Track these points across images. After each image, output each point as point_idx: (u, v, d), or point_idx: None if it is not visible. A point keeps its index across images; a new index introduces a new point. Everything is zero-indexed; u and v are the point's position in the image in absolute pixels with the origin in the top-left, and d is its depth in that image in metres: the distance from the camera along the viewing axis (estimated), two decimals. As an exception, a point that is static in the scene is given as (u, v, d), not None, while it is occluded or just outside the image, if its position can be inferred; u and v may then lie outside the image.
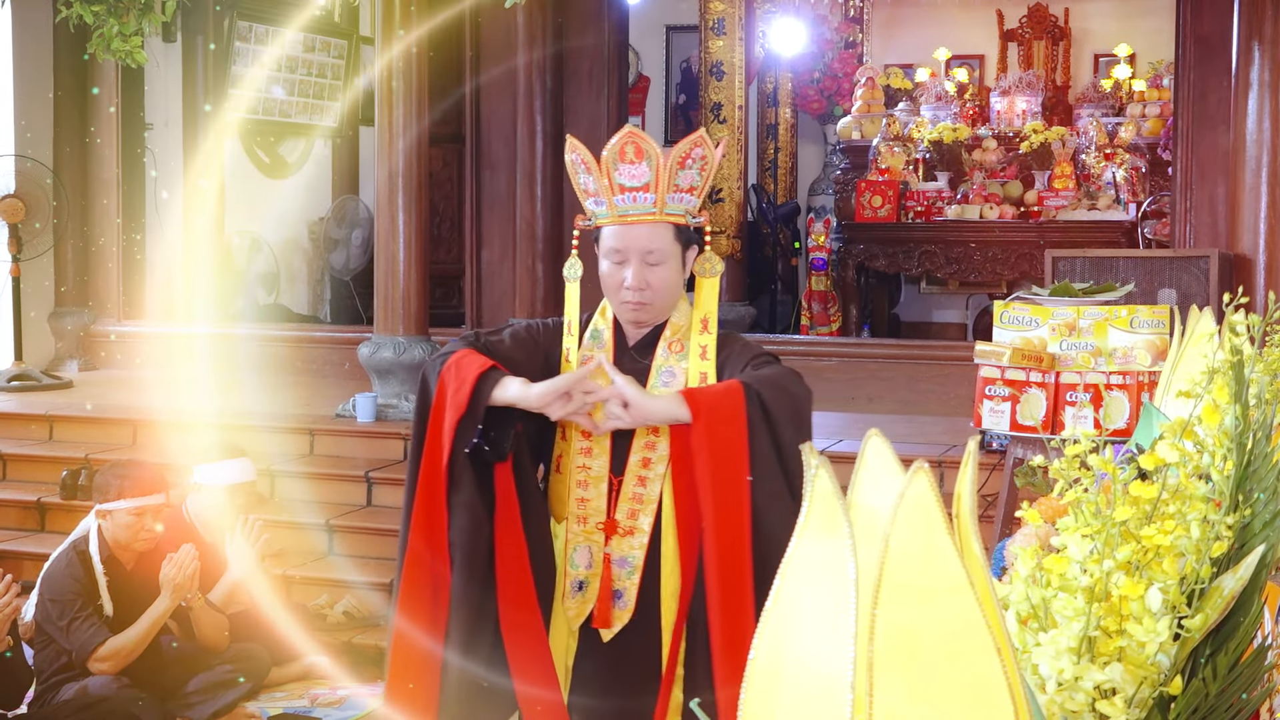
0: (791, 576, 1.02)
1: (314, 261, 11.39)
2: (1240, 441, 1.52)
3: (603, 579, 2.89)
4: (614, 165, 2.83)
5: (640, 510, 2.88)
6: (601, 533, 2.90)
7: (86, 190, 9.33)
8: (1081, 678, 1.30)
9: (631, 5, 9.54)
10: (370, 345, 7.35)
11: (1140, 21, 12.54)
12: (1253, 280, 6.87)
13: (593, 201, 2.91)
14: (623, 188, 2.84)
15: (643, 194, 2.83)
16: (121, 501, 4.89)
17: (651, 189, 2.83)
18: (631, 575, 2.88)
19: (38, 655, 4.94)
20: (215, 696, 5.14)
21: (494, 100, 8.75)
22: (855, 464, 1.06)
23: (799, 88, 13.02)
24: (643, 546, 2.88)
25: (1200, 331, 2.05)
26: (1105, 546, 1.32)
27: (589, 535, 2.91)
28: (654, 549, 2.89)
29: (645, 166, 2.82)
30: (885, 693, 0.96)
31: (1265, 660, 1.45)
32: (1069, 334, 4.30)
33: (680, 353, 2.91)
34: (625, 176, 2.83)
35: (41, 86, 9.09)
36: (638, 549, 2.88)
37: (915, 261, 10.55)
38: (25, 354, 8.69)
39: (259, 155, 10.93)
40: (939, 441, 6.66)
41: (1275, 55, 6.85)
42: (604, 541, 2.90)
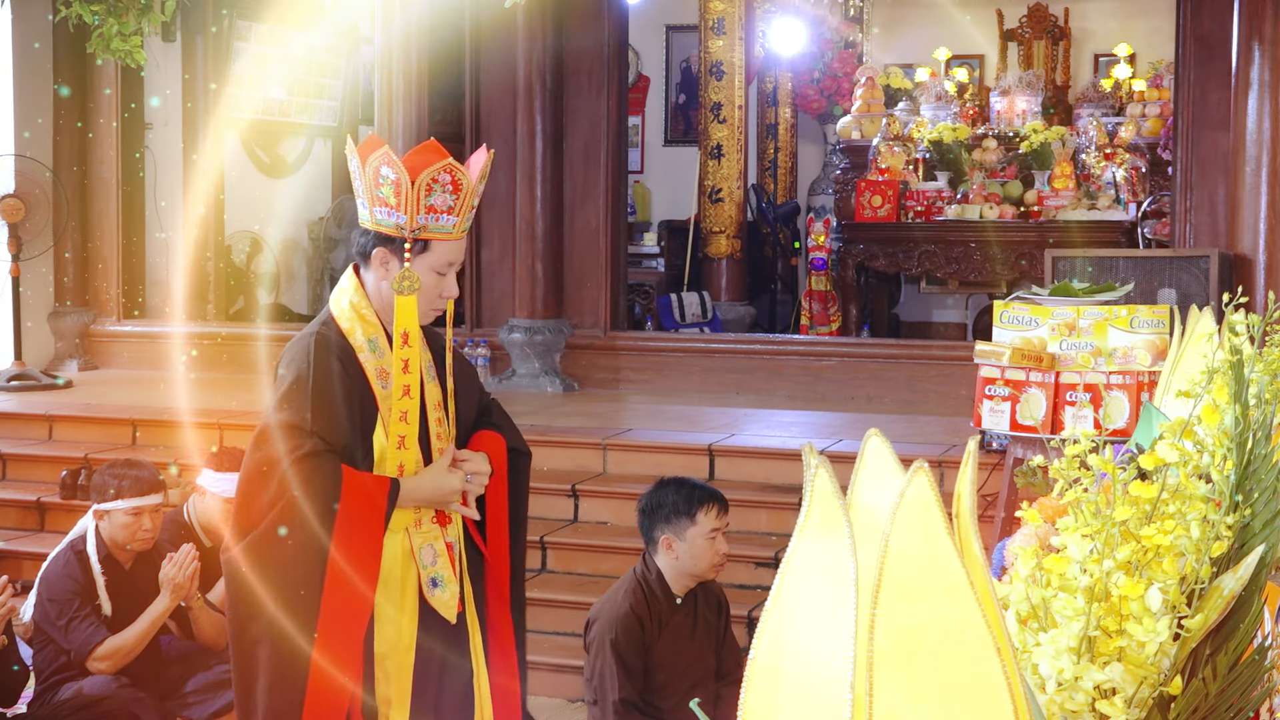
0: (791, 576, 1.02)
1: (314, 261, 11.39)
2: (1240, 441, 1.52)
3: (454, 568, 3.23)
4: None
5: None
6: (437, 525, 3.21)
7: (86, 190, 9.33)
8: (1081, 678, 1.29)
9: (631, 5, 9.54)
10: (370, 345, 7.35)
11: (1140, 21, 12.55)
12: (1253, 280, 6.87)
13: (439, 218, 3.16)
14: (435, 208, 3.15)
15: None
16: (120, 501, 4.89)
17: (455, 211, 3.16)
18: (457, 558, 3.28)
19: (36, 655, 4.94)
20: (214, 696, 5.13)
21: (494, 100, 8.74)
22: (855, 464, 1.06)
23: (799, 87, 13.02)
24: (459, 530, 3.27)
25: (1200, 331, 2.05)
26: (1105, 546, 1.32)
27: (428, 532, 3.19)
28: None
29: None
30: (885, 693, 0.96)
31: (1265, 660, 1.45)
32: (1069, 334, 4.30)
33: None
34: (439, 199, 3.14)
35: (41, 86, 9.09)
36: (456, 533, 3.25)
37: (915, 261, 10.55)
38: (25, 354, 8.69)
39: (259, 155, 10.93)
40: (939, 441, 6.66)
41: (1275, 55, 6.86)
42: (442, 533, 3.21)
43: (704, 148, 11.53)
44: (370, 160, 3.09)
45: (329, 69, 11.26)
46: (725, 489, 4.62)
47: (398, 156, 3.10)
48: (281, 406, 3.07)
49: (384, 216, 3.11)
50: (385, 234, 3.12)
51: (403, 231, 3.09)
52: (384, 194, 3.09)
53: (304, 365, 3.09)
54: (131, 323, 9.38)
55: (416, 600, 3.16)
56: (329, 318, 3.18)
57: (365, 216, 3.15)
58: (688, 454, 6.64)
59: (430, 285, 3.13)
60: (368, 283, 3.18)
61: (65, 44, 8.90)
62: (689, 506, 4.19)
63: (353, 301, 3.17)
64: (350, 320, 3.16)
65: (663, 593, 4.25)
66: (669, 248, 12.08)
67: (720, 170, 11.40)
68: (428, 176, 3.08)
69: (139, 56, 7.75)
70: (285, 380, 3.10)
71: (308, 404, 3.05)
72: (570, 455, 6.76)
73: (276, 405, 3.08)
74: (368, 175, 3.10)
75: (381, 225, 3.12)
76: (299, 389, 3.07)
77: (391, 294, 3.11)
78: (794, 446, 6.53)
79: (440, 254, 3.13)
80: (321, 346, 3.11)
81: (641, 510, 4.31)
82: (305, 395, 3.05)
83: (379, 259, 3.13)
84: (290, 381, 3.08)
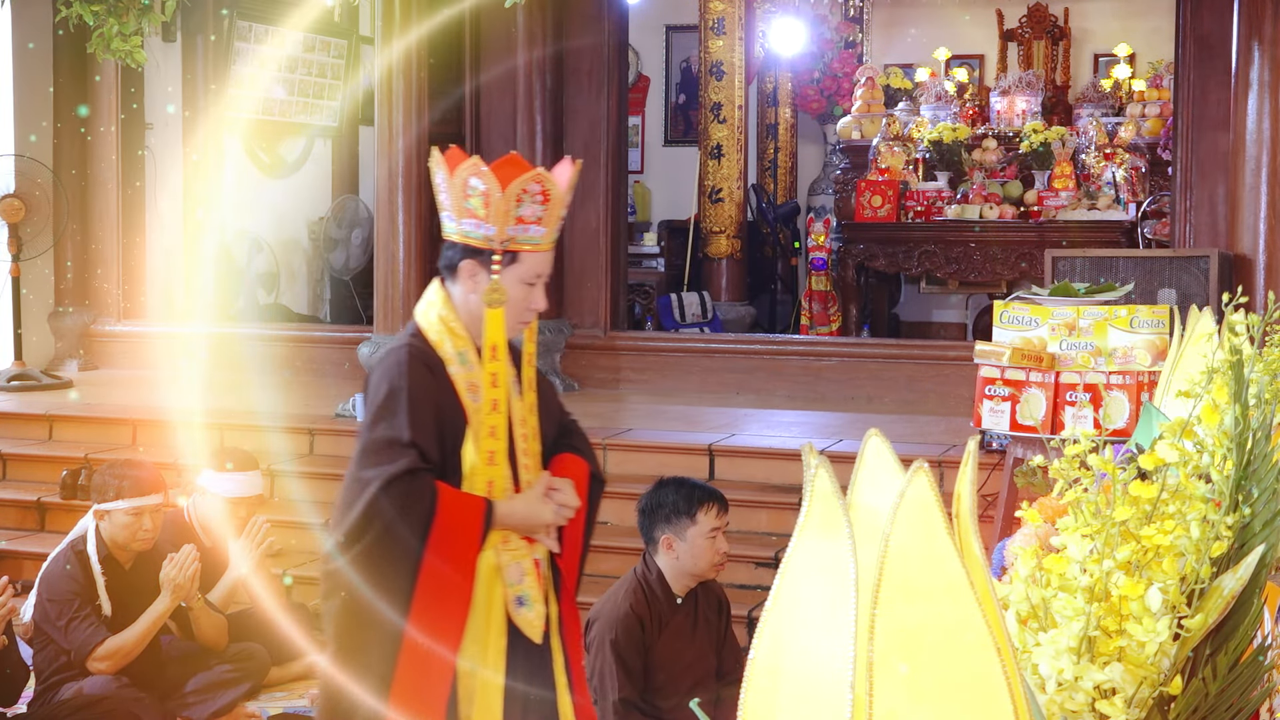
0: (791, 576, 1.02)
1: (314, 261, 11.39)
2: (1240, 441, 1.52)
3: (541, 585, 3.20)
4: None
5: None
6: (525, 543, 3.18)
7: (86, 190, 9.33)
8: (1081, 678, 1.30)
9: (631, 5, 9.54)
10: (370, 345, 7.35)
11: (1140, 21, 12.55)
12: (1252, 280, 6.86)
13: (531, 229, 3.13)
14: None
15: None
16: (119, 501, 4.89)
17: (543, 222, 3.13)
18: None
19: (37, 655, 4.94)
20: (214, 696, 5.14)
21: (494, 100, 8.74)
22: (855, 464, 1.06)
23: (799, 87, 13.02)
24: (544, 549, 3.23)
25: (1200, 331, 2.05)
26: (1105, 546, 1.32)
27: (516, 549, 3.16)
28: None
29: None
30: (885, 693, 0.96)
31: (1265, 660, 1.45)
32: (1069, 334, 4.30)
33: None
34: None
35: (41, 86, 9.08)
36: (542, 551, 3.22)
37: (915, 261, 10.55)
38: (25, 354, 8.69)
39: (259, 155, 10.93)
40: (939, 441, 6.66)
41: (1275, 55, 6.85)
42: (530, 550, 3.18)
43: (704, 148, 11.53)
44: (459, 171, 3.04)
45: (329, 69, 11.26)
46: (725, 489, 4.62)
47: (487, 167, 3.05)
48: (377, 421, 3.04)
49: (472, 228, 3.06)
50: (473, 246, 3.07)
51: (491, 243, 3.05)
52: (472, 205, 3.04)
53: (398, 377, 3.05)
54: (131, 323, 9.38)
55: (504, 619, 3.12)
56: (416, 330, 3.15)
57: (451, 229, 3.11)
58: (688, 454, 6.63)
59: (519, 298, 3.09)
60: (454, 295, 3.14)
61: (65, 44, 8.90)
62: (689, 506, 4.19)
63: (440, 314, 3.13)
64: (439, 333, 3.12)
65: (663, 592, 4.26)
66: (669, 248, 12.08)
67: (720, 170, 11.41)
68: (518, 187, 3.03)
69: (139, 56, 7.75)
70: (379, 393, 3.06)
71: (405, 417, 3.01)
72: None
73: (372, 420, 3.05)
74: (455, 186, 3.05)
75: (469, 237, 3.07)
76: (394, 402, 3.03)
77: (479, 306, 3.08)
78: (794, 446, 6.53)
79: (529, 265, 3.09)
80: (415, 358, 3.08)
81: (641, 510, 4.31)
82: (401, 408, 3.02)
83: (467, 271, 3.09)
84: (385, 394, 3.05)
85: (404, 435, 3.00)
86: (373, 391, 3.10)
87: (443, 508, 3.00)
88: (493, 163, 3.10)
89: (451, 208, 3.09)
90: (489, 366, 3.09)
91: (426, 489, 3.00)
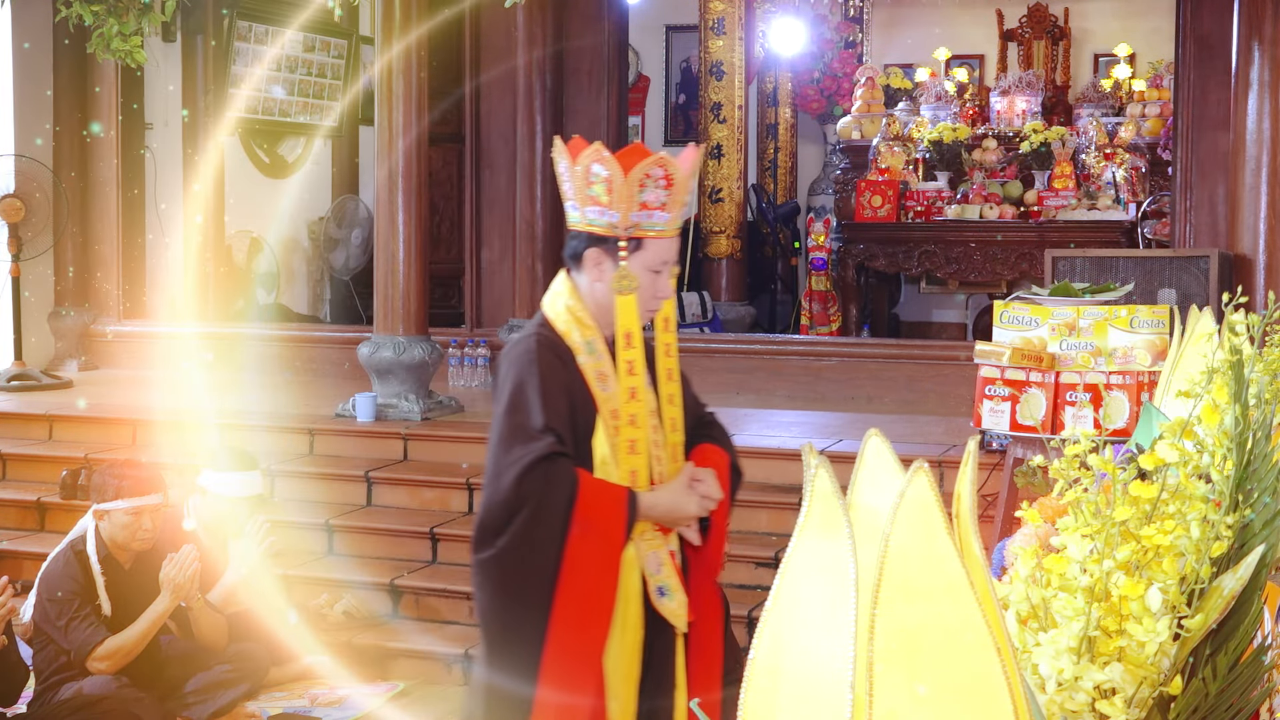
0: (791, 576, 1.02)
1: (314, 261, 11.39)
2: (1240, 441, 1.52)
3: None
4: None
5: None
6: (660, 534, 3.12)
7: (86, 190, 9.33)
8: (1081, 678, 1.29)
9: (631, 5, 9.54)
10: (370, 345, 7.35)
11: (1140, 21, 12.55)
12: (1253, 280, 6.86)
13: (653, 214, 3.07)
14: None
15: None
16: (119, 501, 4.89)
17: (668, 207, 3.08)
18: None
19: (37, 655, 4.94)
20: (214, 696, 5.14)
21: (494, 100, 8.75)
22: (855, 464, 1.06)
23: (799, 87, 13.02)
24: (677, 540, 3.17)
25: (1200, 331, 2.05)
26: (1105, 546, 1.32)
27: (652, 540, 3.11)
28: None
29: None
30: (885, 693, 0.96)
31: (1265, 660, 1.45)
32: (1069, 334, 4.30)
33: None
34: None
35: (41, 86, 9.08)
36: (675, 543, 3.17)
37: (915, 261, 10.55)
38: (25, 354, 8.69)
39: (259, 155, 10.93)
40: (939, 441, 6.66)
41: (1275, 55, 6.85)
42: (665, 541, 3.14)
43: (704, 148, 11.53)
44: (581, 158, 3.01)
45: (329, 69, 11.26)
46: (725, 489, 4.61)
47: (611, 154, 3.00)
48: (510, 411, 3.00)
49: (595, 216, 3.04)
50: (597, 234, 3.04)
51: (615, 230, 3.02)
52: (595, 192, 3.01)
53: (528, 366, 3.02)
54: (131, 323, 9.38)
55: (641, 610, 3.08)
56: (544, 320, 3.12)
57: (575, 218, 3.08)
58: (688, 454, 6.62)
59: (645, 285, 3.05)
60: (580, 285, 3.11)
61: (65, 44, 8.90)
62: None
63: (568, 304, 3.11)
64: (566, 323, 3.10)
65: None
66: (669, 248, 12.06)
67: (720, 170, 11.40)
68: (641, 172, 2.99)
69: (139, 56, 7.75)
70: (508, 383, 3.03)
71: (538, 404, 2.98)
72: (570, 455, 6.76)
73: (506, 410, 3.01)
74: (578, 174, 3.02)
75: (593, 225, 3.05)
76: (526, 390, 3.00)
77: (605, 295, 3.06)
78: (794, 446, 6.53)
79: (654, 252, 3.05)
80: (544, 346, 3.05)
81: None
82: (535, 395, 2.99)
83: (592, 260, 3.07)
84: (515, 384, 3.02)
85: (538, 421, 2.96)
86: (502, 383, 3.06)
87: (583, 494, 2.95)
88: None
89: (574, 196, 3.06)
90: (624, 354, 3.05)
91: (566, 475, 2.95)
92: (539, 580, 2.95)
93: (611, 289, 3.04)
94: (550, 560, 2.95)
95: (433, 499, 6.68)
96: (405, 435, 7.03)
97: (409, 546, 6.42)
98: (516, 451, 2.95)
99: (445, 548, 6.37)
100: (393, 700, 5.51)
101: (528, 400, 2.99)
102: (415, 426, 7.10)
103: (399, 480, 6.78)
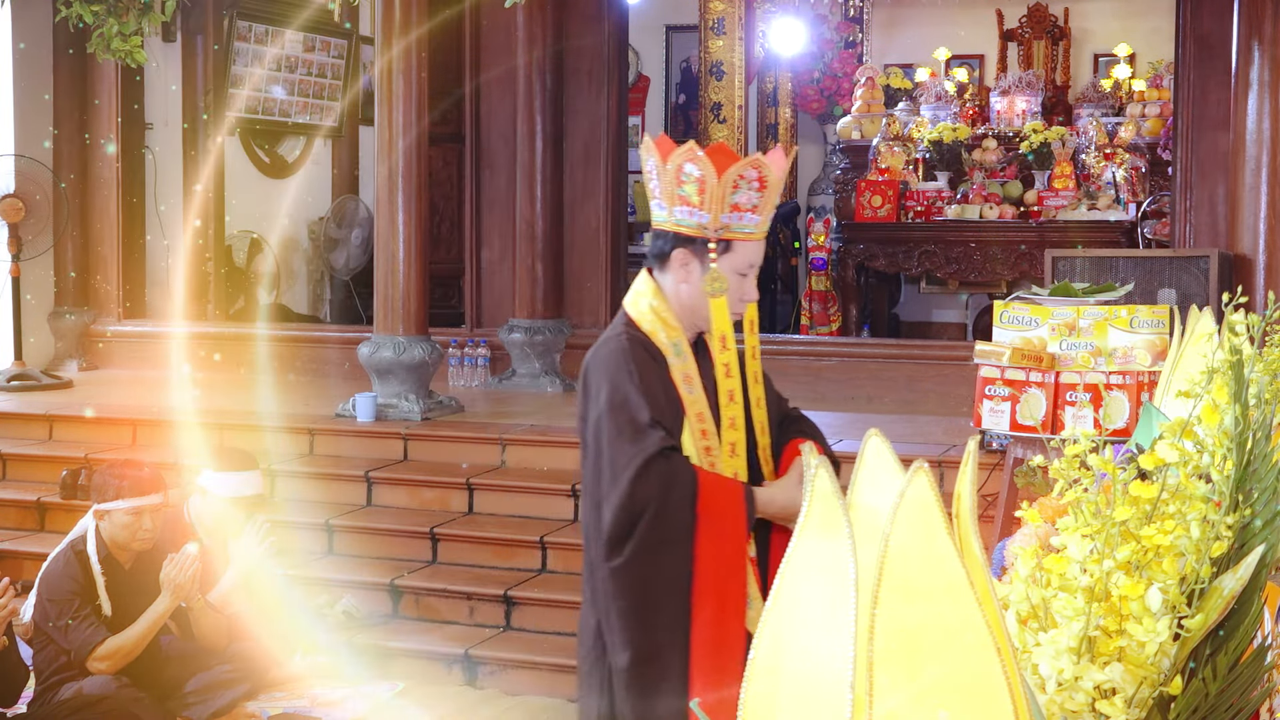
0: (791, 576, 1.02)
1: (314, 261, 11.39)
2: (1240, 441, 1.52)
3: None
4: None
5: None
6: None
7: (86, 190, 9.33)
8: (1081, 678, 1.29)
9: (631, 5, 9.54)
10: (370, 345, 7.35)
11: (1140, 21, 12.54)
12: (1252, 280, 6.87)
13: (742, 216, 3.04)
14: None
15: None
16: (119, 501, 4.89)
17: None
18: None
19: (37, 655, 4.94)
20: (214, 696, 5.13)
21: (494, 100, 8.75)
22: (855, 464, 1.06)
23: (799, 87, 13.02)
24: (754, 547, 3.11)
25: (1200, 331, 2.05)
26: (1105, 546, 1.32)
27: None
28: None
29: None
30: (885, 693, 0.96)
31: (1265, 660, 1.45)
32: (1069, 334, 4.30)
33: None
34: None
35: (41, 86, 9.08)
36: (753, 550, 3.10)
37: (915, 261, 10.55)
38: (25, 354, 8.69)
39: (259, 155, 10.93)
40: (939, 441, 6.65)
41: (1275, 55, 6.85)
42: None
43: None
44: (673, 157, 2.96)
45: (329, 69, 11.26)
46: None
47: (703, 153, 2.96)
48: (614, 410, 2.94)
49: (685, 216, 2.99)
50: (686, 234, 3.00)
51: (705, 231, 2.98)
52: (686, 192, 2.97)
53: (623, 363, 2.97)
54: (131, 323, 9.38)
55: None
56: (628, 320, 3.06)
57: (663, 217, 3.03)
58: (688, 454, 6.63)
59: (732, 287, 3.02)
60: (664, 285, 3.06)
61: (65, 44, 8.90)
62: None
63: (652, 304, 3.04)
64: (652, 323, 3.04)
65: None
66: (669, 248, 12.06)
67: (720, 170, 11.39)
68: (735, 173, 2.95)
69: (139, 56, 7.75)
70: (604, 384, 2.97)
71: (640, 399, 2.93)
72: (570, 455, 6.76)
73: (609, 410, 2.94)
74: (668, 173, 2.97)
75: (682, 225, 3.00)
76: (625, 387, 2.94)
77: (690, 296, 3.02)
78: (794, 446, 6.52)
79: (742, 255, 3.03)
80: (636, 345, 3.01)
81: None
82: (635, 391, 2.94)
83: (679, 260, 3.02)
84: (612, 383, 2.96)
85: (644, 416, 2.91)
86: (594, 386, 2.99)
87: (704, 492, 2.90)
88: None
89: (663, 195, 3.01)
90: (721, 357, 3.04)
91: (684, 473, 2.90)
92: (675, 581, 2.90)
93: (703, 291, 3.00)
94: (682, 561, 2.89)
95: (433, 499, 6.68)
96: (405, 435, 7.03)
97: (409, 546, 6.42)
98: (628, 450, 2.89)
99: (445, 548, 6.37)
100: (393, 700, 5.51)
101: (629, 397, 2.94)
102: (415, 426, 7.10)
103: (399, 480, 6.78)
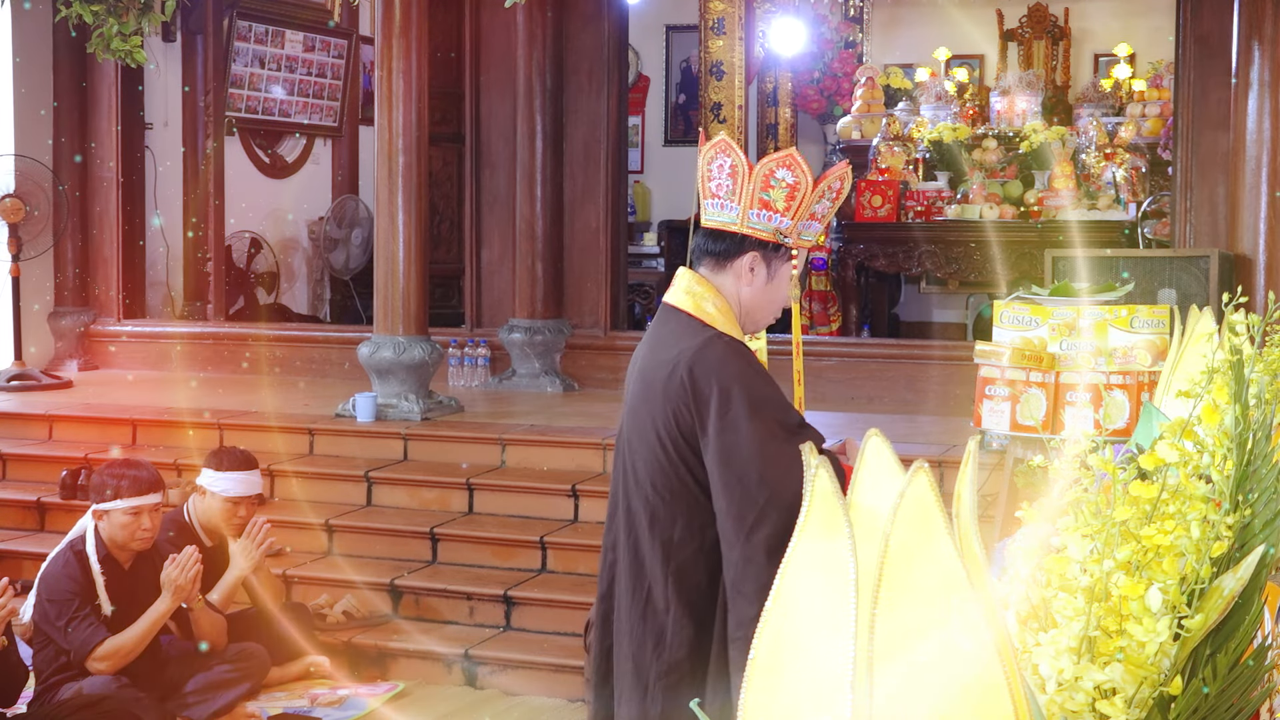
0: (791, 576, 1.02)
1: (314, 261, 11.40)
2: (1240, 441, 1.52)
3: None
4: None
5: None
6: None
7: (86, 190, 9.33)
8: (1081, 678, 1.29)
9: (631, 5, 9.53)
10: (370, 345, 7.35)
11: (1140, 21, 12.54)
12: (1253, 280, 6.87)
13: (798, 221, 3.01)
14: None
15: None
16: (118, 501, 4.89)
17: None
18: None
19: (36, 655, 4.94)
20: (214, 696, 5.14)
21: (494, 100, 8.75)
22: (855, 464, 1.06)
23: (799, 87, 13.02)
24: None
25: (1200, 331, 2.05)
26: (1105, 546, 1.32)
27: None
28: None
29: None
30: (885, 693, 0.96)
31: (1265, 660, 1.45)
32: (1069, 334, 4.30)
33: None
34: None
35: (41, 87, 9.08)
36: None
37: (915, 261, 10.54)
38: (25, 354, 8.69)
39: (259, 155, 10.94)
40: (939, 441, 6.65)
41: (1275, 55, 6.85)
42: None
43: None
44: (765, 161, 2.92)
45: (329, 69, 11.26)
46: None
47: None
48: (759, 410, 2.84)
49: (762, 220, 2.94)
50: (760, 238, 2.95)
51: (782, 236, 2.95)
52: (772, 197, 2.92)
53: (745, 364, 2.90)
54: (131, 323, 9.38)
55: None
56: (702, 322, 2.96)
57: (728, 219, 2.97)
58: (688, 454, 6.62)
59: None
60: (724, 286, 2.99)
61: (65, 44, 8.89)
62: None
63: (716, 305, 2.98)
64: (723, 325, 2.97)
65: None
66: (669, 248, 12.07)
67: (720, 170, 11.39)
68: (826, 184, 2.93)
69: (139, 56, 7.75)
70: (734, 386, 2.85)
71: (781, 399, 2.89)
72: (570, 455, 6.76)
73: (751, 412, 2.83)
74: (757, 176, 2.93)
75: (758, 229, 2.94)
76: (761, 388, 2.88)
77: (752, 299, 2.99)
78: (794, 446, 6.52)
79: (799, 261, 3.02)
80: (737, 340, 2.97)
81: None
82: (772, 390, 2.90)
83: (748, 263, 2.97)
84: (743, 385, 2.86)
85: (795, 415, 2.89)
86: (720, 391, 2.86)
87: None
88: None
89: (737, 196, 2.96)
90: (795, 363, 3.10)
91: (839, 473, 2.89)
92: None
93: (790, 296, 3.01)
94: None
95: (433, 499, 6.68)
96: (405, 435, 7.02)
97: (409, 546, 6.42)
98: (790, 452, 2.79)
99: (445, 548, 6.37)
100: (393, 700, 5.51)
101: (769, 397, 2.89)
102: (415, 426, 7.10)
103: (399, 480, 6.77)
